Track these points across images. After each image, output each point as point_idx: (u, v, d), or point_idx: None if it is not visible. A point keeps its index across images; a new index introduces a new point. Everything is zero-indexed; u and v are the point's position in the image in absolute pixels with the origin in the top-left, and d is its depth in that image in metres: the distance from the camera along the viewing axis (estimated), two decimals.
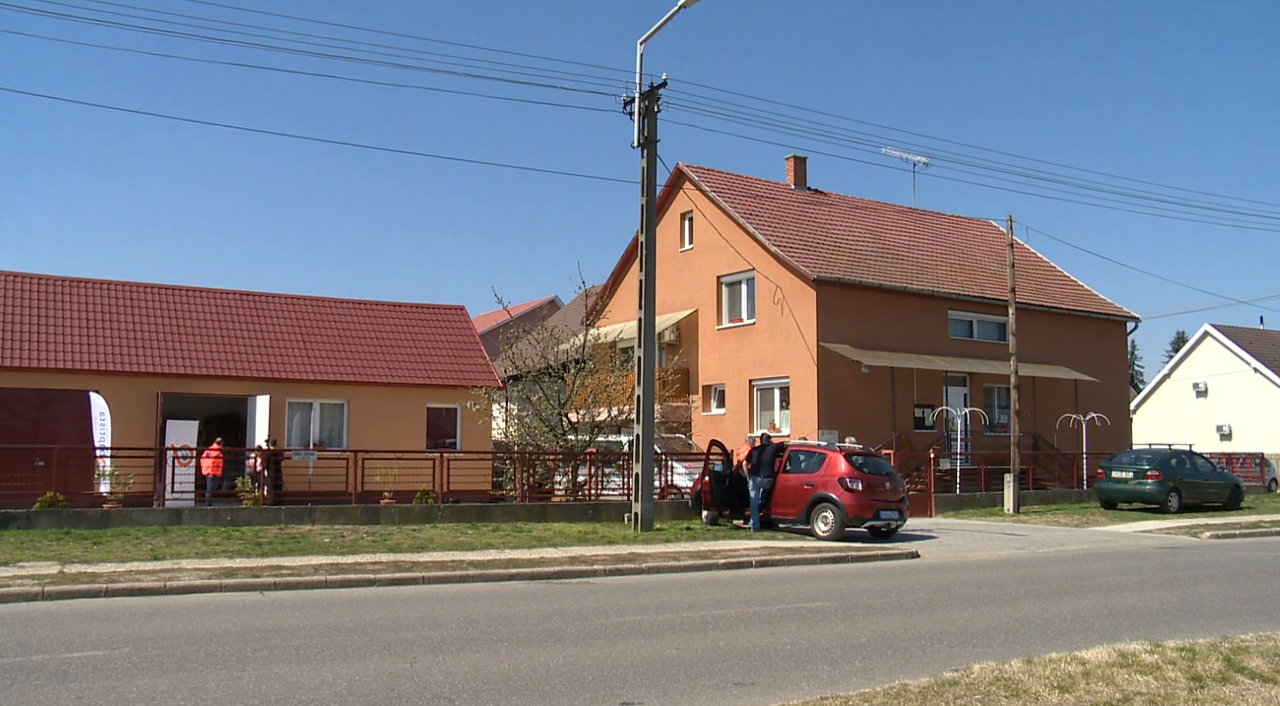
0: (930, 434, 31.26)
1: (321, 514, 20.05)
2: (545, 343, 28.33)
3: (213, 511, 19.88)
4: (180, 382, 25.78)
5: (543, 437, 26.99)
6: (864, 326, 30.36)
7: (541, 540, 17.99)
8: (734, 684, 7.91)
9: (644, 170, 20.77)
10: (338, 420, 27.76)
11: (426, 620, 10.54)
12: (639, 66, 20.51)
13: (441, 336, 30.80)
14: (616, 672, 8.18)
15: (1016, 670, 8.04)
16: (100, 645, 8.93)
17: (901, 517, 20.32)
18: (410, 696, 7.29)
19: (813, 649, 9.33)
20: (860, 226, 35.53)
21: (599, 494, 24.34)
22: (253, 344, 27.59)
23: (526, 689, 7.60)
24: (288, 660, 8.41)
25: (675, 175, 34.33)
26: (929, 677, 7.86)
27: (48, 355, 24.59)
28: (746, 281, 32.41)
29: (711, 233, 32.89)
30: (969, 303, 33.40)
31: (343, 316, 30.03)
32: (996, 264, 36.15)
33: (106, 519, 18.53)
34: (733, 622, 10.69)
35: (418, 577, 13.42)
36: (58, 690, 7.29)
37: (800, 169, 36.95)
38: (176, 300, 28.10)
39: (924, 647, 9.49)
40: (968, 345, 33.33)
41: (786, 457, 21.01)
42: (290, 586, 12.60)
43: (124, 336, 26.07)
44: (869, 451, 21.69)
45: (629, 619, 10.87)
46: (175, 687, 7.40)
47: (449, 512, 21.02)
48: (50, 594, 11.61)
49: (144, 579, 12.51)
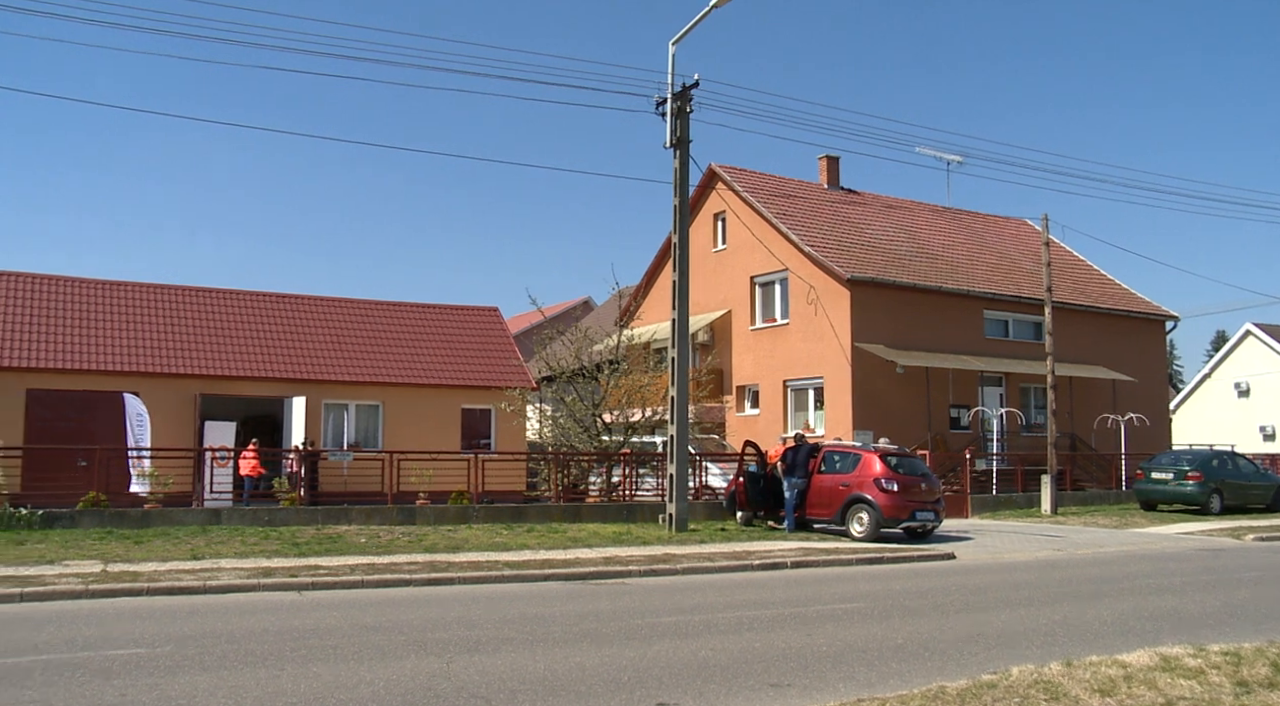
0: (966, 434, 31.02)
1: (357, 514, 20.19)
2: (579, 343, 28.37)
3: (251, 511, 20.07)
4: (218, 384, 26.05)
5: (577, 438, 27.03)
6: (899, 326, 30.18)
7: (576, 541, 18.02)
8: (770, 685, 7.89)
9: (676, 171, 20.76)
10: (373, 421, 27.94)
11: (462, 620, 10.59)
12: (670, 67, 20.52)
13: (476, 337, 30.93)
14: (652, 673, 8.18)
15: (1056, 673, 7.96)
16: (143, 643, 9.05)
17: (937, 518, 20.19)
18: (447, 696, 7.32)
19: (849, 650, 9.29)
20: (894, 226, 35.34)
21: (633, 494, 24.35)
22: (289, 346, 27.83)
23: (563, 689, 7.62)
24: (325, 659, 8.47)
25: (708, 176, 34.29)
26: (967, 680, 7.80)
27: (89, 357, 24.93)
28: (780, 281, 32.32)
29: (744, 233, 32.82)
30: (1005, 302, 33.12)
31: (377, 318, 30.22)
32: (1032, 263, 35.82)
33: (147, 518, 18.76)
34: (768, 623, 10.66)
35: (453, 578, 13.48)
36: (102, 687, 7.39)
37: (833, 168, 36.79)
38: (214, 303, 28.40)
39: (961, 649, 9.42)
40: (1003, 345, 33.05)
41: (821, 458, 20.93)
42: (327, 586, 12.69)
43: (163, 338, 26.38)
44: (904, 452, 21.56)
45: (664, 619, 10.87)
46: (216, 686, 7.48)
47: (484, 513, 21.10)
48: (94, 592, 11.77)
49: (184, 578, 12.65)
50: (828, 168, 36.65)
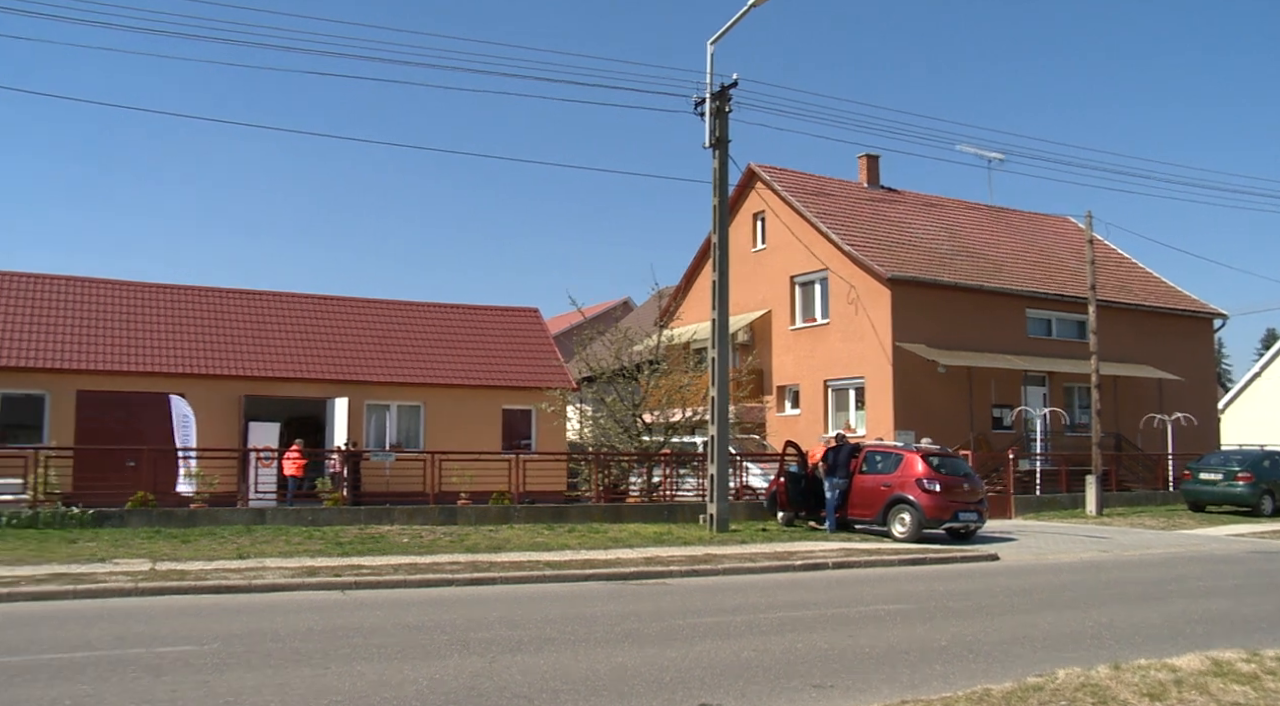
0: (1009, 434, 30.72)
1: (400, 514, 20.34)
2: (619, 344, 28.39)
3: (294, 511, 20.28)
4: (262, 385, 26.35)
5: (617, 438, 27.06)
6: (940, 326, 29.94)
7: (617, 541, 18.05)
8: (812, 686, 7.85)
9: (716, 171, 20.74)
10: (414, 422, 28.14)
11: (504, 620, 10.63)
12: (709, 67, 20.49)
13: (516, 338, 31.05)
14: (694, 674, 8.18)
15: (1104, 676, 7.86)
16: (191, 640, 9.17)
17: (980, 519, 20.01)
18: (490, 695, 7.36)
19: (892, 651, 9.23)
20: (935, 224, 35.06)
21: (674, 495, 24.33)
22: (332, 347, 28.10)
23: (605, 689, 7.63)
24: (370, 658, 8.54)
25: (747, 175, 34.19)
26: (1012, 682, 7.72)
27: (137, 359, 25.32)
28: (820, 281, 32.17)
29: (784, 232, 32.70)
30: (1047, 301, 32.77)
31: (418, 319, 30.44)
32: (1076, 261, 35.39)
33: (193, 518, 19.02)
34: (810, 624, 10.62)
35: (495, 578, 13.54)
36: (153, 683, 7.50)
37: (873, 167, 36.56)
38: (258, 305, 28.74)
39: (1006, 652, 9.33)
40: (1047, 344, 32.70)
41: (862, 458, 20.83)
42: (370, 585, 12.80)
43: (209, 341, 26.74)
44: (946, 452, 21.39)
45: (706, 620, 10.86)
46: (263, 683, 7.57)
47: (525, 513, 21.18)
48: (143, 590, 11.96)
49: (230, 577, 12.81)
50: (867, 166, 36.43)
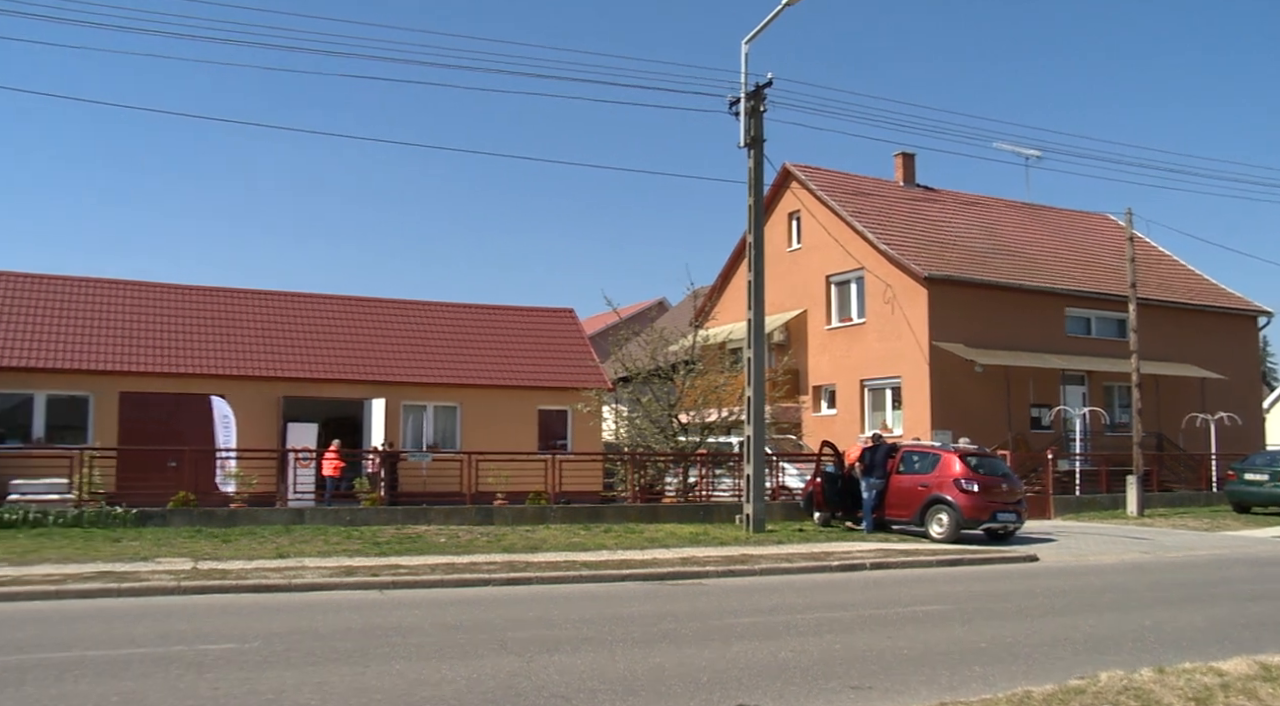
0: (1047, 434, 30.43)
1: (437, 514, 20.45)
2: (654, 344, 28.40)
3: (333, 511, 20.46)
4: (300, 386, 26.59)
5: (653, 439, 27.07)
6: (977, 325, 29.72)
7: (653, 541, 18.05)
8: (850, 687, 7.82)
9: (751, 170, 20.70)
10: (451, 422, 28.28)
11: (542, 619, 10.67)
12: (744, 66, 20.46)
13: (551, 339, 31.14)
14: (731, 674, 8.16)
15: (1147, 680, 7.75)
16: (232, 638, 9.27)
17: (1019, 519, 19.84)
18: (528, 695, 7.38)
19: (930, 653, 9.17)
20: (972, 223, 34.81)
21: (710, 495, 24.31)
22: (368, 348, 28.31)
23: (642, 689, 7.63)
24: (408, 657, 8.60)
25: (782, 175, 34.08)
26: (1053, 685, 7.64)
27: (178, 360, 25.63)
28: (856, 280, 32.03)
29: (820, 232, 32.57)
30: (1087, 299, 32.43)
31: (454, 320, 30.59)
32: (1115, 259, 34.99)
33: (234, 517, 19.22)
34: (848, 625, 10.58)
35: (532, 578, 13.59)
36: (196, 681, 7.59)
37: (909, 165, 36.34)
38: (296, 306, 29.02)
39: (1046, 654, 9.24)
40: (1086, 343, 32.36)
41: (900, 458, 20.71)
42: (408, 585, 12.88)
43: (248, 342, 27.02)
44: (984, 452, 21.24)
45: (742, 620, 10.84)
46: (303, 681, 7.64)
47: (561, 513, 21.23)
48: (185, 588, 12.11)
49: (270, 576, 12.94)
50: (903, 165, 36.23)
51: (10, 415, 24.22)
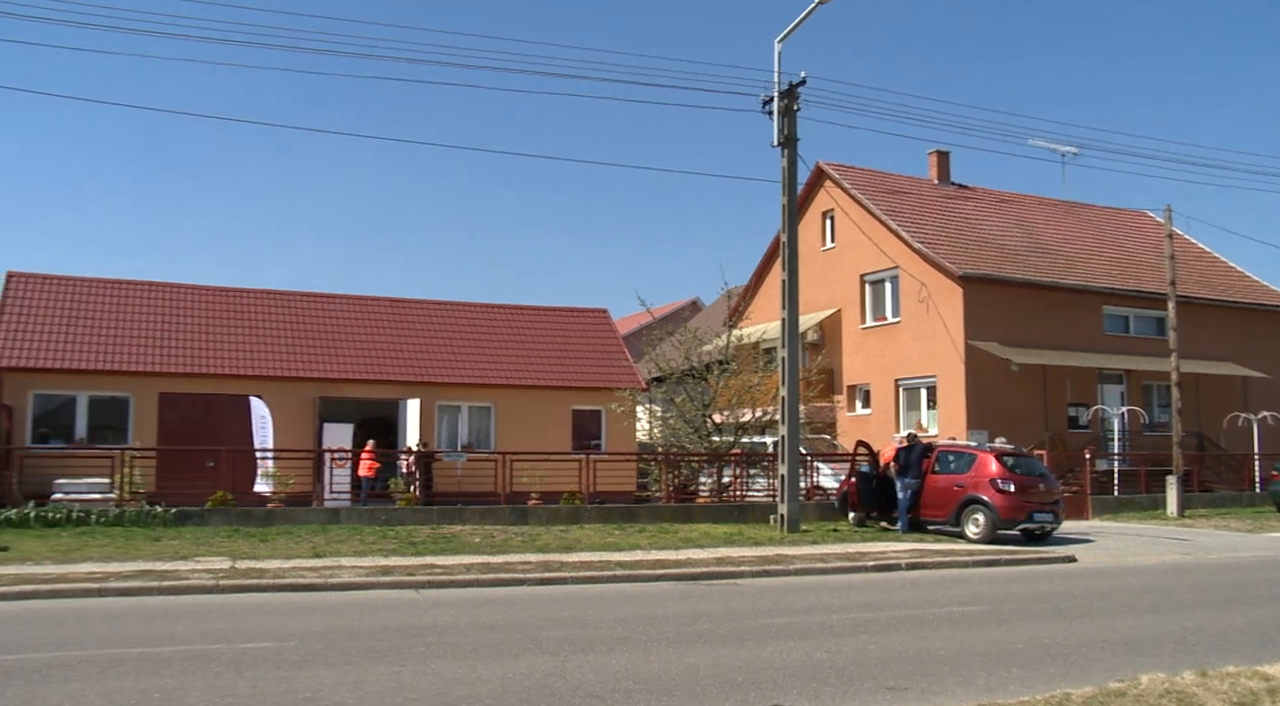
0: (1085, 433, 30.13)
1: (471, 514, 20.55)
2: (688, 344, 28.39)
3: (368, 511, 20.62)
4: (336, 387, 26.79)
5: (687, 439, 27.07)
6: (1013, 323, 29.49)
7: (687, 541, 18.04)
8: (886, 688, 7.77)
9: (784, 169, 20.65)
10: (485, 422, 28.39)
11: (576, 619, 10.69)
12: (777, 65, 20.42)
13: (585, 339, 31.19)
14: (766, 674, 8.14)
15: (1189, 683, 7.64)
16: (270, 637, 9.36)
17: (1056, 520, 19.68)
18: (563, 694, 7.40)
19: (967, 654, 9.10)
20: (1007, 220, 34.53)
21: (744, 495, 24.28)
22: (403, 349, 28.48)
23: (677, 689, 7.63)
24: (444, 656, 8.64)
25: (815, 173, 33.95)
26: (1093, 687, 7.55)
27: (215, 362, 25.90)
28: (890, 279, 31.87)
29: (854, 231, 32.43)
30: (1125, 297, 32.09)
31: (488, 321, 30.70)
32: (1154, 256, 34.55)
33: (270, 517, 19.41)
34: (883, 626, 10.52)
35: (566, 577, 13.62)
36: (235, 678, 7.67)
37: (943, 163, 36.10)
38: (331, 308, 29.24)
39: (1085, 656, 9.14)
40: (1124, 341, 32.02)
41: (935, 458, 20.59)
42: (443, 584, 12.95)
43: (284, 343, 27.26)
44: (1021, 451, 21.07)
45: (777, 621, 10.81)
46: (340, 680, 7.70)
47: (595, 513, 21.27)
48: (224, 587, 12.25)
49: (307, 575, 13.05)
50: (938, 163, 36.00)
51: (54, 416, 24.60)
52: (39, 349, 24.50)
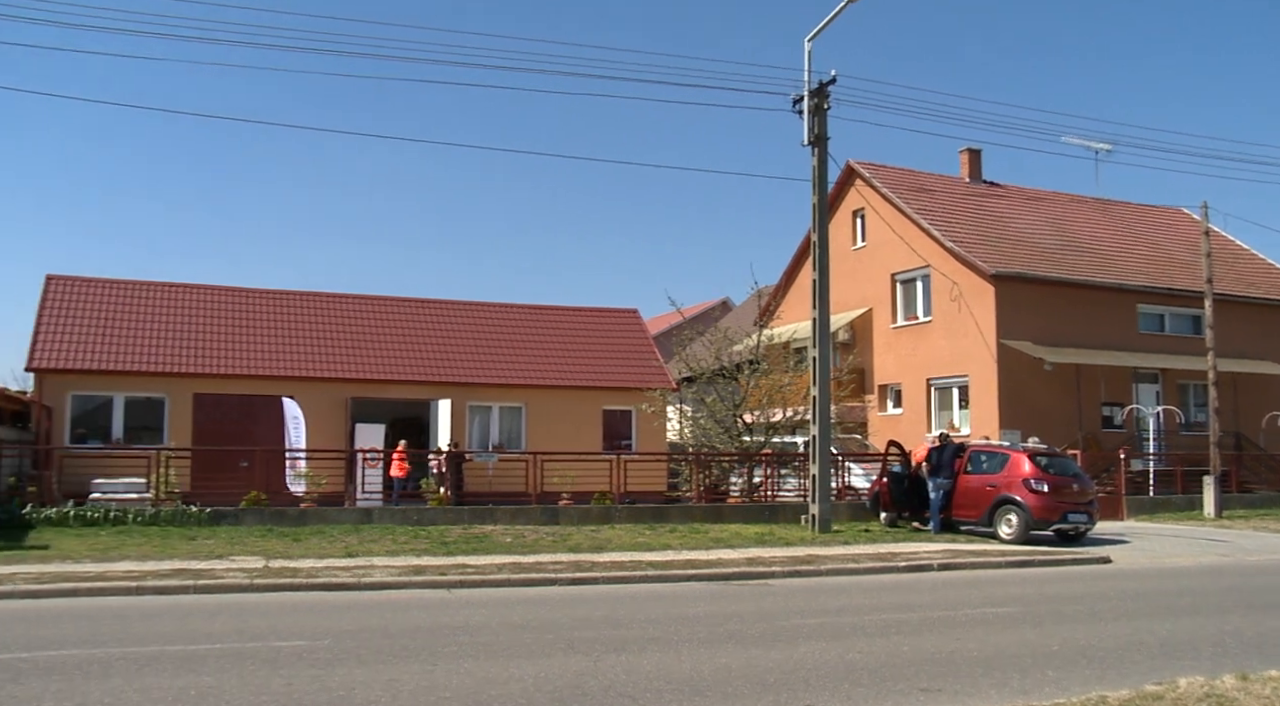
0: (1120, 433, 29.84)
1: (502, 514, 20.61)
2: (718, 344, 28.36)
3: (400, 511, 20.73)
4: (368, 387, 26.96)
5: (717, 439, 27.03)
6: (1046, 322, 29.25)
7: (718, 541, 18.03)
8: (919, 690, 7.73)
9: (815, 168, 20.58)
10: (516, 422, 28.49)
11: (608, 619, 10.71)
12: (807, 64, 20.35)
13: (615, 339, 31.22)
14: (798, 675, 8.12)
15: (1229, 687, 7.54)
16: (304, 636, 9.44)
17: (1090, 520, 19.51)
18: (595, 694, 7.41)
19: (1000, 656, 9.04)
20: (1040, 218, 34.25)
21: (775, 495, 24.22)
22: (435, 349, 28.62)
23: (709, 689, 7.63)
24: (476, 655, 8.68)
25: (846, 172, 33.81)
26: (1129, 690, 7.48)
27: (249, 362, 26.14)
28: (921, 278, 31.70)
29: (884, 230, 32.28)
30: (1160, 295, 31.74)
31: (519, 321, 30.79)
32: (1190, 254, 34.16)
33: (303, 517, 19.56)
34: (916, 627, 10.46)
35: (597, 577, 13.64)
36: (270, 676, 7.75)
37: (975, 162, 35.86)
38: (364, 308, 29.43)
39: (1121, 658, 9.06)
40: (1159, 340, 31.67)
41: (967, 458, 20.47)
42: (475, 584, 13.00)
43: (317, 344, 27.47)
44: (1054, 451, 20.91)
45: (809, 621, 10.78)
46: (373, 678, 7.75)
47: (626, 513, 21.29)
48: (258, 586, 12.36)
49: (340, 575, 13.14)
50: (969, 161, 35.77)
51: (91, 416, 24.93)
52: (77, 351, 24.83)
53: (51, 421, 24.01)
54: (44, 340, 24.83)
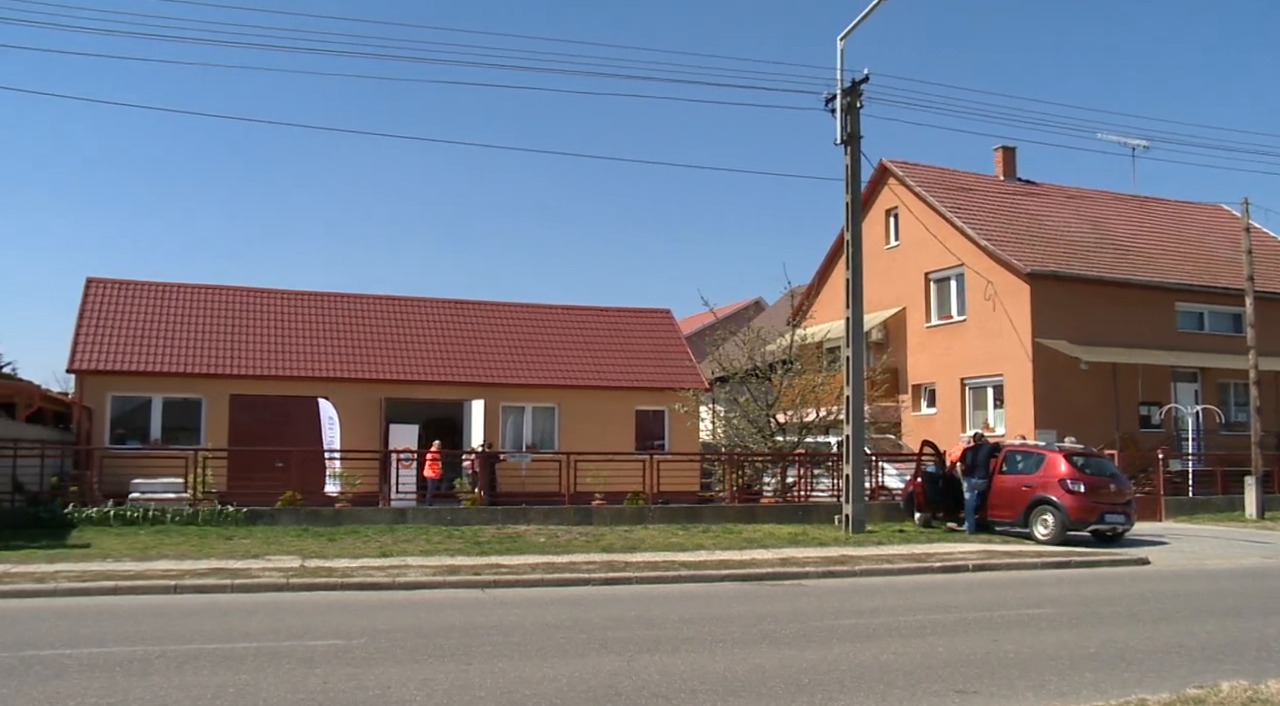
0: (1158, 433, 29.50)
1: (536, 514, 20.66)
2: (751, 344, 28.31)
3: (434, 511, 20.82)
4: (402, 388, 27.13)
5: (750, 439, 26.97)
6: (1082, 321, 28.98)
7: (752, 541, 17.98)
8: (955, 691, 7.68)
9: (847, 167, 20.49)
10: (549, 423, 28.56)
11: (641, 619, 10.71)
12: (839, 63, 20.25)
13: (648, 339, 31.24)
14: (833, 676, 8.09)
15: (1275, 691, 7.39)
16: (339, 635, 9.51)
17: (1128, 521, 19.29)
18: (629, 694, 7.41)
19: (1037, 657, 8.96)
20: (1076, 216, 33.92)
21: (808, 495, 24.12)
22: (468, 350, 28.75)
23: (743, 690, 7.61)
24: (510, 655, 8.70)
25: (879, 171, 33.66)
26: (1169, 693, 7.38)
27: (284, 364, 26.39)
28: (955, 277, 31.50)
29: (918, 228, 32.10)
30: (1199, 293, 31.35)
31: (552, 322, 30.88)
32: (1230, 251, 33.71)
33: (338, 517, 19.70)
34: (951, 628, 10.39)
35: (630, 578, 13.64)
36: (306, 674, 7.81)
37: (1009, 159, 35.60)
38: (398, 310, 29.62)
39: (1161, 661, 8.95)
40: (1198, 338, 31.28)
41: (1003, 458, 20.30)
42: (509, 584, 13.04)
43: (351, 345, 27.68)
44: (1091, 451, 20.69)
45: (843, 622, 10.73)
46: (408, 677, 7.79)
47: (659, 513, 21.28)
48: (294, 585, 12.46)
49: (375, 574, 13.23)
50: (1004, 159, 35.51)
51: (130, 417, 25.27)
52: (116, 352, 25.18)
53: (92, 422, 24.35)
54: (84, 342, 25.20)
